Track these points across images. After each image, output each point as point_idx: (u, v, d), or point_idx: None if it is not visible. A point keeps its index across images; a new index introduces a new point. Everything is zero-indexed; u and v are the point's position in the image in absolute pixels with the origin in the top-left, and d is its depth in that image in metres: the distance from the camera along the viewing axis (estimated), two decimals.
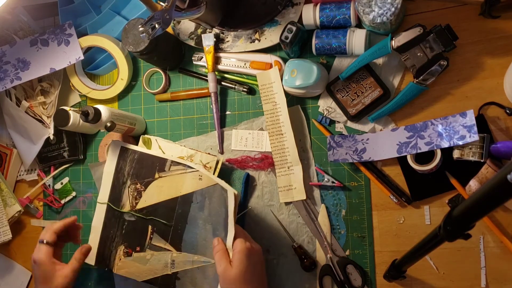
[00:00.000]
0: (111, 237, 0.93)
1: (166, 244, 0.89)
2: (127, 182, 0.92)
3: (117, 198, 0.93)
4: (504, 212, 0.78)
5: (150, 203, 0.90)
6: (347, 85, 0.86)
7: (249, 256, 0.75)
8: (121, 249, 0.92)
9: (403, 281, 0.82)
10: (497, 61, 0.80)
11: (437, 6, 0.84)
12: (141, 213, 0.91)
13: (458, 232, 0.53)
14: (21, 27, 1.05)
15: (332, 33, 0.85)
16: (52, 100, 1.05)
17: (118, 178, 0.93)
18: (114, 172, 0.93)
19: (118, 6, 1.02)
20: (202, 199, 0.86)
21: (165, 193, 0.89)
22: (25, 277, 1.06)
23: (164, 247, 0.89)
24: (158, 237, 0.89)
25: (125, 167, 0.93)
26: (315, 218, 0.87)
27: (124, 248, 0.92)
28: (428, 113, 0.83)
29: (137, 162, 0.92)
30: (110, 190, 0.93)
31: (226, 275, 0.74)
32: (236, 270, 0.73)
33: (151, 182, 0.90)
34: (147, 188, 0.91)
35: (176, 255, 0.88)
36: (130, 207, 0.92)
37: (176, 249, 0.88)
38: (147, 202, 0.91)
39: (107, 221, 0.93)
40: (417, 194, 0.82)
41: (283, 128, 0.88)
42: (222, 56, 0.95)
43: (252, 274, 0.74)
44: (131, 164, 0.92)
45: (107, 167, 0.94)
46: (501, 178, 0.42)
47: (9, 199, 1.04)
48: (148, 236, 0.90)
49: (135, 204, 0.91)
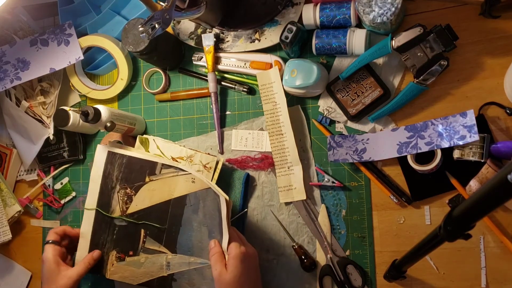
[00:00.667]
0: (102, 243, 0.91)
1: (160, 247, 0.88)
2: (116, 187, 0.91)
3: (106, 204, 0.91)
4: (504, 212, 0.78)
5: (142, 207, 0.89)
6: (347, 85, 0.86)
7: (243, 261, 0.74)
8: (113, 254, 0.91)
9: (403, 281, 0.82)
10: (497, 61, 0.80)
11: (437, 6, 0.84)
12: (132, 218, 0.90)
13: (458, 232, 0.53)
14: (21, 27, 1.05)
15: (332, 33, 0.85)
16: (52, 100, 1.05)
17: (106, 183, 0.91)
18: (102, 177, 0.91)
19: (118, 6, 1.02)
20: (196, 202, 0.86)
21: (157, 197, 0.88)
22: (25, 277, 1.06)
23: (158, 249, 0.88)
24: (152, 240, 0.89)
25: (113, 171, 0.91)
26: (315, 218, 0.87)
27: (116, 253, 0.90)
28: (428, 113, 0.83)
29: (126, 167, 0.90)
30: (98, 196, 0.91)
31: (221, 279, 0.74)
32: (231, 275, 0.73)
33: (142, 186, 0.89)
34: (137, 192, 0.90)
35: (171, 257, 0.87)
36: (120, 212, 0.90)
37: (171, 251, 0.87)
38: (138, 206, 0.89)
39: (96, 227, 0.91)
40: (417, 194, 0.82)
41: (283, 128, 0.88)
42: (222, 56, 0.95)
43: (246, 278, 0.74)
44: (119, 168, 0.90)
45: (93, 173, 0.92)
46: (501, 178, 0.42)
47: (9, 199, 1.04)
48: (141, 240, 0.89)
49: (125, 209, 0.90)
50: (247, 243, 0.80)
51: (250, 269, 0.76)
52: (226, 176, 0.92)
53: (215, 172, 0.89)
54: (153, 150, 0.93)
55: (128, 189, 0.90)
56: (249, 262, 0.76)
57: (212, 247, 0.78)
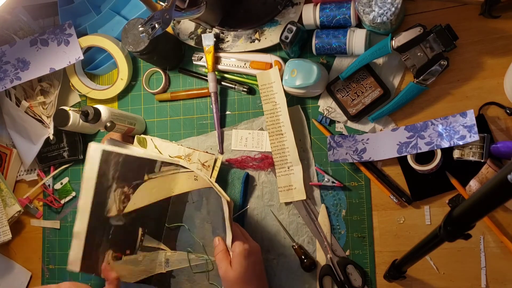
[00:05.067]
0: (97, 243, 0.89)
1: (159, 244, 0.88)
2: (112, 186, 0.89)
3: (101, 203, 0.89)
4: (504, 212, 0.78)
5: (140, 205, 0.88)
6: (347, 85, 0.86)
7: (248, 257, 0.76)
8: (109, 254, 0.89)
9: (403, 281, 0.82)
10: (497, 61, 0.80)
11: (437, 6, 0.84)
12: (129, 216, 0.89)
13: (458, 232, 0.53)
14: (21, 27, 1.05)
15: (332, 33, 0.85)
16: (52, 100, 1.05)
17: (101, 183, 0.89)
18: (97, 177, 0.88)
19: (118, 6, 1.02)
20: (199, 199, 0.85)
21: (157, 194, 0.88)
22: (25, 277, 1.06)
23: (157, 247, 0.88)
24: (150, 238, 0.88)
25: (108, 171, 0.89)
26: (315, 218, 0.87)
27: (113, 252, 0.89)
28: (428, 113, 0.83)
29: (123, 165, 0.88)
30: (92, 196, 0.89)
31: (227, 276, 0.76)
32: (236, 272, 0.75)
33: (140, 184, 0.88)
34: (135, 190, 0.89)
35: (170, 254, 0.87)
36: (117, 212, 0.89)
37: (171, 248, 0.87)
38: (136, 204, 0.89)
39: (91, 227, 0.89)
40: (417, 194, 0.82)
41: (283, 128, 0.88)
42: (222, 56, 0.95)
43: (252, 274, 0.76)
44: (115, 167, 0.88)
45: (86, 173, 0.89)
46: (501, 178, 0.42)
47: (9, 199, 1.04)
48: (139, 238, 0.88)
49: (122, 208, 0.88)
50: (250, 239, 0.81)
51: (255, 265, 0.77)
52: (225, 176, 0.92)
53: (213, 170, 0.89)
54: (151, 150, 0.93)
55: (125, 187, 0.89)
56: (253, 258, 0.77)
57: (217, 244, 0.79)
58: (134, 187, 0.89)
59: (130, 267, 0.89)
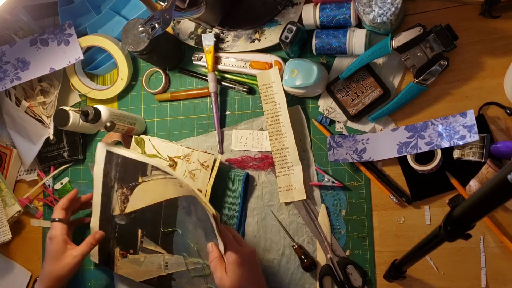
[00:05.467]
0: (108, 239, 0.93)
1: (157, 247, 0.88)
2: (114, 186, 0.91)
3: (107, 201, 0.92)
4: (504, 212, 0.78)
5: (138, 207, 0.89)
6: (347, 85, 0.86)
7: (242, 265, 0.75)
8: (117, 251, 0.92)
9: (403, 281, 0.82)
10: (497, 61, 0.80)
11: (437, 6, 0.84)
12: (130, 217, 0.90)
13: (458, 232, 0.53)
14: (21, 27, 1.05)
15: (332, 33, 0.85)
16: (52, 100, 1.05)
17: (106, 182, 0.92)
18: (103, 176, 0.92)
19: (118, 6, 1.02)
20: (188, 205, 0.85)
21: (151, 198, 0.88)
22: (25, 277, 1.06)
23: (155, 250, 0.88)
24: (149, 241, 0.89)
25: (111, 171, 0.91)
26: (315, 218, 0.87)
27: (120, 250, 0.92)
28: (428, 113, 0.83)
29: (121, 166, 0.90)
30: (101, 193, 0.93)
31: (223, 284, 0.74)
32: (231, 280, 0.74)
33: (136, 186, 0.89)
34: (133, 192, 0.90)
35: (168, 257, 0.88)
36: (119, 211, 0.91)
37: (168, 251, 0.88)
38: (134, 206, 0.90)
39: (101, 223, 0.93)
40: (417, 194, 0.82)
41: (283, 128, 0.88)
42: (222, 56, 0.95)
43: (248, 279, 0.75)
44: (116, 168, 0.91)
45: (96, 170, 0.93)
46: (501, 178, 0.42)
47: (9, 199, 1.04)
48: (139, 239, 0.90)
49: (123, 208, 0.90)
50: (243, 242, 0.80)
51: (250, 269, 0.76)
52: (225, 176, 0.92)
53: (212, 170, 0.89)
54: (149, 150, 0.93)
55: (124, 188, 0.90)
56: (248, 263, 0.76)
57: (210, 251, 0.78)
58: (131, 188, 0.90)
59: (134, 266, 0.90)
